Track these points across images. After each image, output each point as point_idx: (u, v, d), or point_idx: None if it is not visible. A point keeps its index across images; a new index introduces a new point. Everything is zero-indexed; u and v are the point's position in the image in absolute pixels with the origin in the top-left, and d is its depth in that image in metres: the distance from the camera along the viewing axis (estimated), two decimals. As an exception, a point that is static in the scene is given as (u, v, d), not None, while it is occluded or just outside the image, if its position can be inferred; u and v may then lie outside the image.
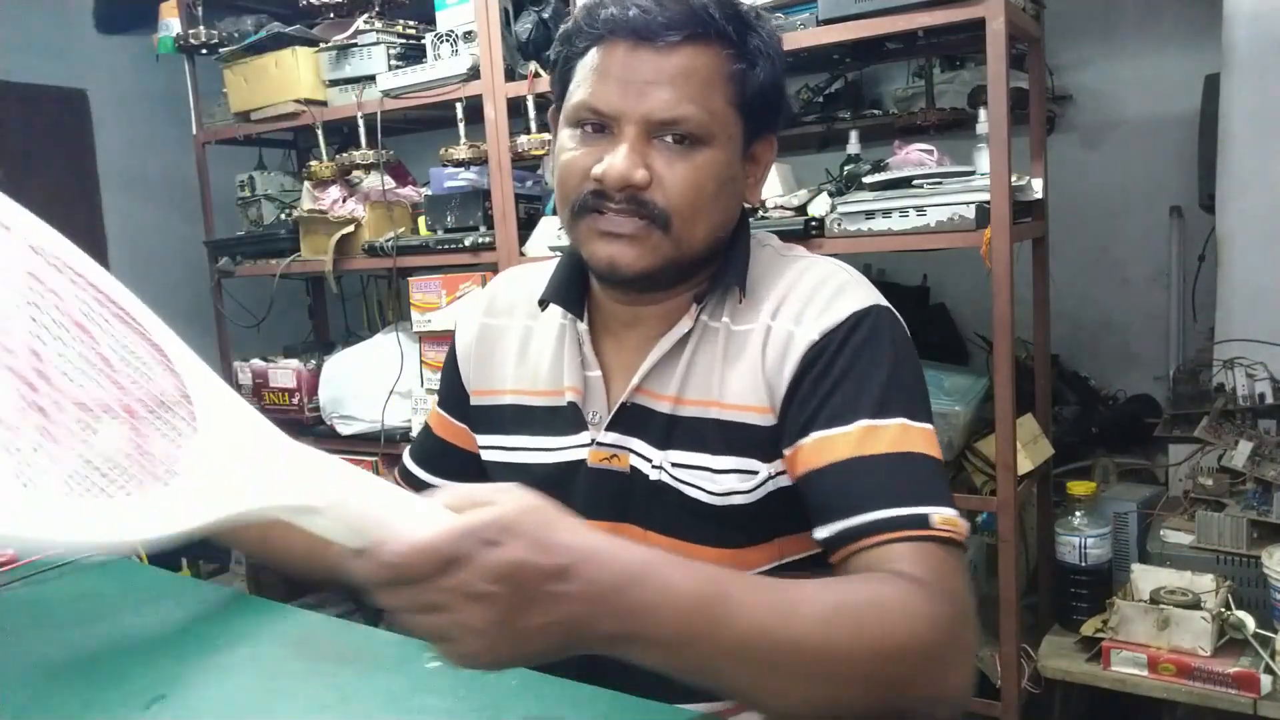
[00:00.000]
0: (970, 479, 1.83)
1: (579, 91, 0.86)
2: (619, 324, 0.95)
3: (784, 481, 0.87)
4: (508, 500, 0.58)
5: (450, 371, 1.06)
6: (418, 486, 1.06)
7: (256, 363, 2.73)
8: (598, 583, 0.58)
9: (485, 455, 1.02)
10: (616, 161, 0.83)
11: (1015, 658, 1.75)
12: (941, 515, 0.77)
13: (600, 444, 0.93)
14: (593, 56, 0.86)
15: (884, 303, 0.89)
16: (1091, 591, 1.84)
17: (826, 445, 0.82)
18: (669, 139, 0.84)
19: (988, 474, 1.78)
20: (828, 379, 0.84)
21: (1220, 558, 1.79)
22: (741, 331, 0.90)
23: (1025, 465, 1.77)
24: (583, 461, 0.93)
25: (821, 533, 0.81)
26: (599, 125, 0.85)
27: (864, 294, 0.89)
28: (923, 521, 0.76)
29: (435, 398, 1.10)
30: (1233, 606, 1.67)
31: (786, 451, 0.86)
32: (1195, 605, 1.65)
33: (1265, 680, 1.57)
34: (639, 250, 0.85)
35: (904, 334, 0.89)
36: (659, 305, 0.92)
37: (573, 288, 0.95)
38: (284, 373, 2.66)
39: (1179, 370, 2.38)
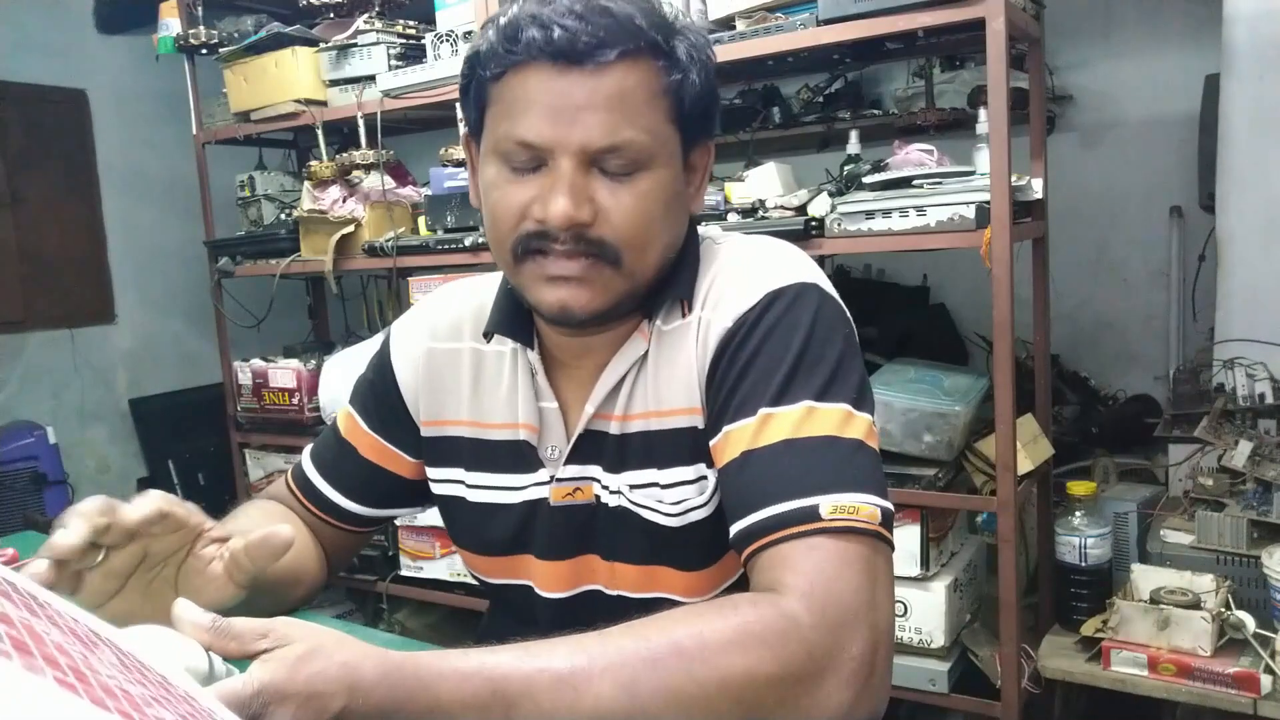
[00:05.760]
0: (970, 479, 1.83)
1: (504, 123, 0.78)
2: (569, 353, 0.89)
3: None
4: (273, 660, 0.58)
5: (387, 395, 0.98)
6: (322, 503, 1.00)
7: (256, 363, 2.73)
8: (372, 712, 0.59)
9: (439, 488, 0.97)
10: (558, 201, 0.75)
11: (1015, 658, 1.75)
12: (834, 503, 0.70)
13: (560, 480, 0.88)
14: (514, 82, 0.77)
15: (809, 278, 0.82)
16: (1091, 591, 1.84)
17: (730, 440, 0.77)
18: (608, 166, 0.77)
19: (988, 474, 1.78)
20: (735, 368, 0.79)
21: (1220, 558, 1.79)
22: (671, 330, 0.85)
23: (1025, 465, 1.77)
24: (545, 500, 0.89)
25: (731, 537, 0.75)
26: (530, 157, 0.78)
27: (785, 271, 0.82)
28: (812, 514, 0.70)
29: (357, 415, 1.00)
30: (1233, 606, 1.67)
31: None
32: (1195, 605, 1.65)
33: (1265, 680, 1.57)
34: (591, 291, 0.79)
35: (830, 310, 0.81)
36: (609, 333, 0.87)
37: (518, 316, 0.89)
38: (284, 373, 2.66)
39: (1179, 370, 2.38)
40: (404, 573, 2.50)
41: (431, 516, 2.36)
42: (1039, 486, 2.02)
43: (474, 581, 2.55)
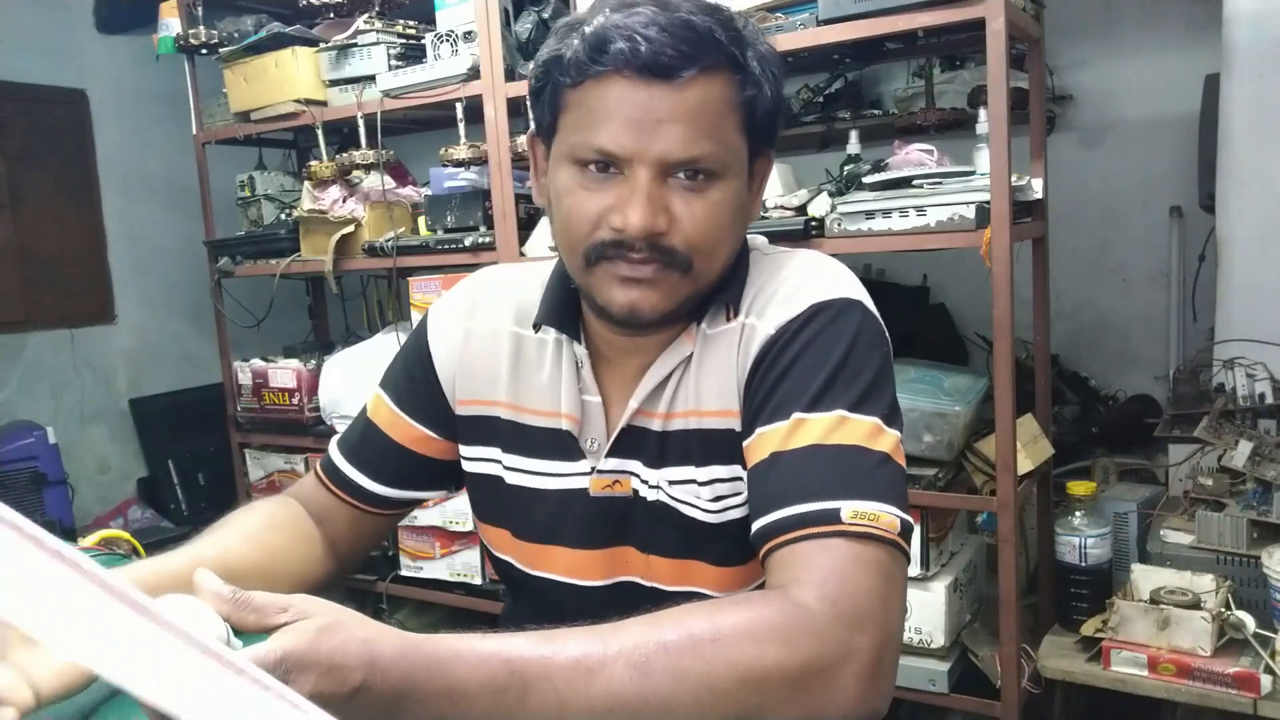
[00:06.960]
0: (970, 479, 1.83)
1: (582, 130, 0.80)
2: (616, 350, 0.91)
3: None
4: (294, 630, 0.59)
5: (421, 374, 0.99)
6: (347, 486, 1.00)
7: (256, 363, 2.73)
8: (390, 690, 0.60)
9: (472, 466, 0.98)
10: (637, 212, 0.78)
11: (1015, 658, 1.75)
12: (855, 509, 0.72)
13: (601, 471, 0.90)
14: (595, 91, 0.79)
15: (853, 295, 0.85)
16: (1091, 591, 1.84)
17: (761, 441, 0.79)
18: (682, 176, 0.80)
19: (988, 474, 1.78)
20: (773, 373, 0.81)
21: (1220, 558, 1.79)
22: (716, 334, 0.87)
23: (1025, 465, 1.77)
24: (584, 490, 0.91)
25: (751, 535, 0.77)
26: (606, 164, 0.80)
27: (831, 285, 0.85)
28: (832, 516, 0.72)
29: (386, 397, 1.01)
30: (1233, 606, 1.67)
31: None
32: (1195, 605, 1.65)
33: (1265, 680, 1.57)
34: (660, 293, 0.82)
35: (871, 327, 0.84)
36: (658, 334, 0.89)
37: (567, 310, 0.91)
38: (284, 373, 2.66)
39: (1179, 370, 2.38)
40: (404, 573, 2.50)
41: (433, 516, 2.36)
42: (1039, 486, 2.02)
43: (474, 581, 2.54)
